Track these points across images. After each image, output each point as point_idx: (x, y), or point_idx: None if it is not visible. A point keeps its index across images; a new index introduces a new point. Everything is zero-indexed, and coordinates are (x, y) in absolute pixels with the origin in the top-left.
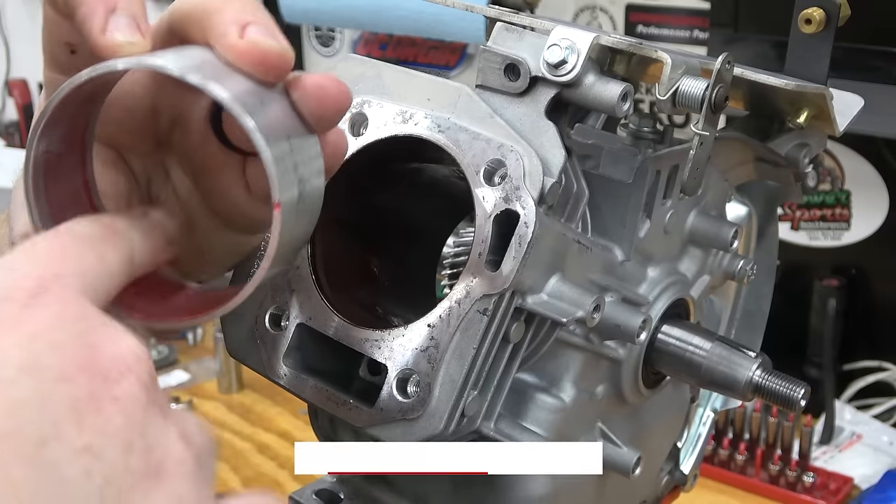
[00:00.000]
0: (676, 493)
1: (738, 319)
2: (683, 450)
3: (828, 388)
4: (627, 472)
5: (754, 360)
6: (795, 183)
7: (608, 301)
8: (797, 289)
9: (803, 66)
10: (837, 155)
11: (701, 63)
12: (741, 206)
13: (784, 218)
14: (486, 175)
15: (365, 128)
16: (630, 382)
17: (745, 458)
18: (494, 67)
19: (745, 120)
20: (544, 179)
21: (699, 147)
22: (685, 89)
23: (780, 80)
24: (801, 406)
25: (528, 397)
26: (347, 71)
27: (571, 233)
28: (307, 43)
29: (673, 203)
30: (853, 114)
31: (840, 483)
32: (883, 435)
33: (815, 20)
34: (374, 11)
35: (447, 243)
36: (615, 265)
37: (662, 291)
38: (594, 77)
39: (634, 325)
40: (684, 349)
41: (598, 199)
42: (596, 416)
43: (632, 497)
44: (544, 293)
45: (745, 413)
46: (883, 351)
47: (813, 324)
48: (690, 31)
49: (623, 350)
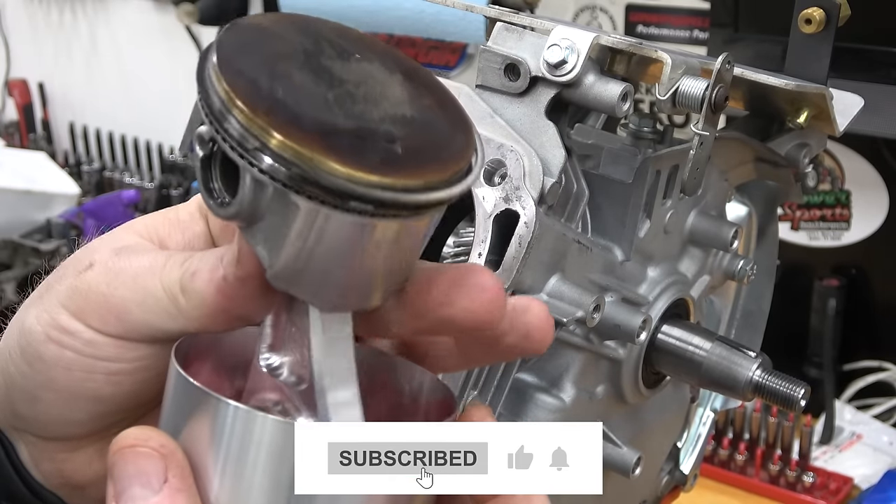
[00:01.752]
0: (676, 493)
1: (738, 319)
2: (683, 450)
3: (828, 388)
4: (627, 472)
5: (754, 359)
6: (795, 183)
7: (608, 301)
8: (797, 289)
9: (803, 66)
10: (837, 155)
11: (701, 63)
12: (741, 206)
13: (784, 218)
14: (486, 175)
15: None
16: (630, 382)
17: (745, 458)
18: (494, 67)
19: (745, 120)
20: (544, 179)
21: (699, 147)
22: (685, 89)
23: (780, 80)
24: (801, 406)
25: (528, 397)
26: None
27: (571, 233)
28: None
29: (673, 203)
30: (853, 114)
31: (840, 483)
32: (883, 435)
33: (815, 20)
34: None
35: (447, 243)
36: (615, 265)
37: (662, 291)
38: (594, 77)
39: (634, 325)
40: (684, 349)
41: (598, 199)
42: (596, 415)
43: (632, 497)
44: (544, 293)
45: (745, 413)
46: (883, 351)
47: (813, 324)
48: (690, 31)
49: (623, 350)
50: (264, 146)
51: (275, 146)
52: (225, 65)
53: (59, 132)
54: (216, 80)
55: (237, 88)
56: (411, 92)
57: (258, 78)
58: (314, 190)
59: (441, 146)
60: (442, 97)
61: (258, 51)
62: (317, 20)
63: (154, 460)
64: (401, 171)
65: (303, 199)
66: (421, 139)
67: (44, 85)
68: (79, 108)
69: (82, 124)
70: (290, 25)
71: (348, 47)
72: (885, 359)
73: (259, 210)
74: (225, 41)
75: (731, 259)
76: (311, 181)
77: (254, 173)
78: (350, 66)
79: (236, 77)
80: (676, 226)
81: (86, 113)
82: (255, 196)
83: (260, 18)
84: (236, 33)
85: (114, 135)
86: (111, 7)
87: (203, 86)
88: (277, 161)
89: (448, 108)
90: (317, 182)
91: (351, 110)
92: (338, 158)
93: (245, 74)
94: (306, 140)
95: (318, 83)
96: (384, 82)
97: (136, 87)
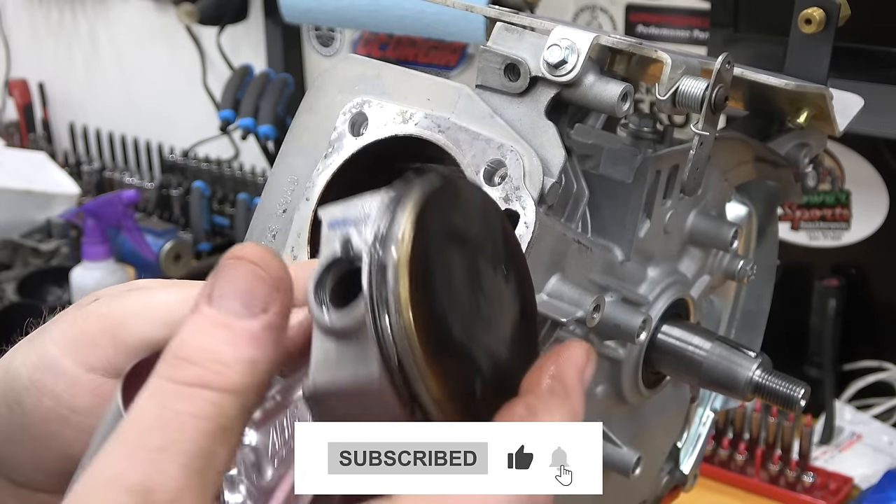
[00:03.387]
0: (676, 493)
1: (738, 319)
2: (683, 450)
3: (828, 388)
4: (627, 472)
5: (754, 359)
6: (795, 183)
7: (608, 301)
8: (797, 289)
9: (803, 66)
10: (837, 155)
11: (701, 63)
12: (741, 206)
13: (784, 218)
14: (486, 175)
15: (365, 128)
16: (630, 382)
17: (744, 458)
18: (494, 67)
19: (745, 120)
20: (544, 179)
21: (699, 147)
22: (685, 89)
23: (780, 80)
24: (801, 406)
25: None
26: (347, 71)
27: (571, 233)
28: (307, 43)
29: (673, 203)
30: (853, 114)
31: (840, 483)
32: (883, 435)
33: (815, 20)
34: (374, 11)
35: None
36: (615, 265)
37: (662, 291)
38: (594, 77)
39: (634, 325)
40: (684, 349)
41: (598, 199)
42: (596, 416)
43: (632, 497)
44: (544, 293)
45: (745, 413)
46: (883, 351)
47: (813, 324)
48: (690, 31)
49: (623, 350)
50: (391, 324)
51: (396, 327)
52: (418, 277)
53: (59, 132)
54: (398, 284)
55: (418, 316)
56: (514, 333)
57: (440, 308)
58: (401, 385)
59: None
60: (529, 340)
61: (449, 261)
62: (489, 203)
63: (267, 287)
64: (465, 413)
65: (385, 376)
66: (493, 388)
67: (44, 85)
68: (79, 108)
69: (82, 124)
70: (475, 211)
71: (501, 255)
72: (885, 359)
73: (347, 337)
74: (426, 222)
75: (731, 259)
76: (408, 383)
77: (369, 324)
78: (495, 279)
79: (423, 298)
80: (676, 226)
81: (86, 113)
82: (354, 333)
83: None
84: (437, 216)
85: (114, 135)
86: (111, 7)
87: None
88: (396, 338)
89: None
90: (410, 387)
91: (475, 334)
92: (440, 384)
93: (432, 301)
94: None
95: (472, 298)
96: (502, 308)
97: (136, 87)
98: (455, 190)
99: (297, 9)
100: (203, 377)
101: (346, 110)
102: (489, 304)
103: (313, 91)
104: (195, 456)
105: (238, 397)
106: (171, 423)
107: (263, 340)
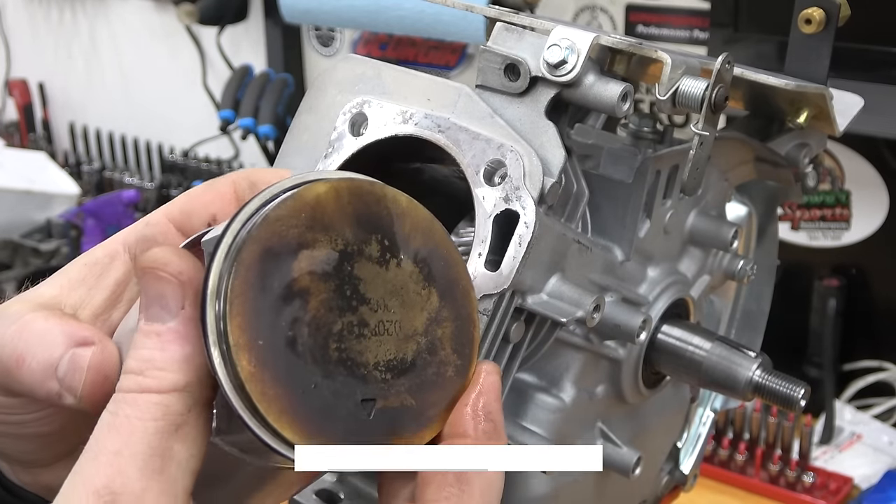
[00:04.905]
0: (676, 493)
1: (738, 319)
2: (683, 450)
3: (828, 388)
4: (627, 472)
5: (754, 359)
6: (795, 183)
7: (608, 301)
8: (797, 289)
9: (803, 66)
10: (837, 155)
11: (701, 63)
12: (741, 206)
13: (784, 218)
14: (486, 175)
15: (365, 128)
16: (630, 382)
17: (744, 458)
18: (494, 67)
19: (745, 120)
20: (544, 179)
21: (699, 147)
22: (685, 89)
23: (780, 80)
24: (801, 406)
25: (528, 397)
26: (347, 71)
27: (571, 233)
28: (307, 43)
29: (673, 203)
30: (853, 114)
31: (840, 483)
32: (883, 435)
33: (815, 20)
34: (374, 11)
35: None
36: (615, 265)
37: (662, 291)
38: (594, 77)
39: (634, 325)
40: (684, 349)
41: (598, 199)
42: (596, 416)
43: (632, 497)
44: (544, 293)
45: (745, 413)
46: (883, 351)
47: (813, 324)
48: (690, 31)
49: (623, 350)
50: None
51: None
52: (239, 299)
53: (59, 132)
54: (226, 316)
55: (241, 342)
56: (430, 318)
57: (268, 334)
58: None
59: (415, 414)
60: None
61: (281, 274)
62: (386, 191)
63: (173, 286)
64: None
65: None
66: (400, 399)
67: (44, 85)
68: (79, 108)
69: (82, 124)
70: (349, 208)
71: (398, 243)
72: (885, 359)
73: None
74: (255, 242)
75: (731, 259)
76: (262, 440)
77: (225, 393)
78: (386, 274)
79: (247, 324)
80: (676, 226)
81: (86, 113)
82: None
83: (323, 193)
84: (269, 228)
85: (114, 135)
86: (111, 7)
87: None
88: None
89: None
90: (266, 444)
91: (346, 353)
92: (297, 429)
93: (257, 326)
94: (278, 401)
95: (330, 318)
96: (409, 303)
97: (136, 87)
98: (314, 205)
99: (297, 9)
100: (143, 383)
101: (346, 110)
102: (374, 308)
103: (313, 91)
104: (150, 455)
105: (181, 394)
106: (123, 427)
107: (190, 334)
